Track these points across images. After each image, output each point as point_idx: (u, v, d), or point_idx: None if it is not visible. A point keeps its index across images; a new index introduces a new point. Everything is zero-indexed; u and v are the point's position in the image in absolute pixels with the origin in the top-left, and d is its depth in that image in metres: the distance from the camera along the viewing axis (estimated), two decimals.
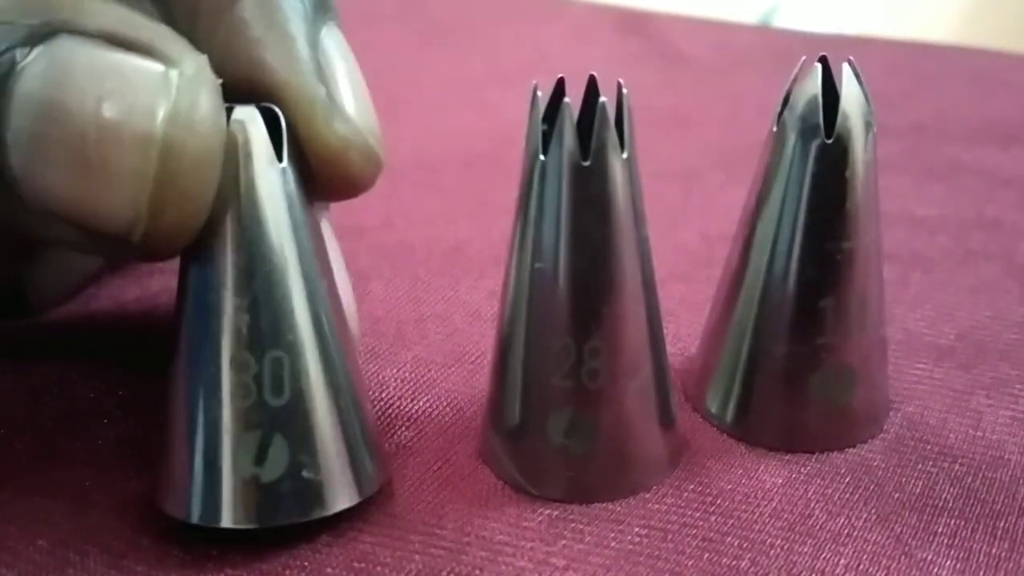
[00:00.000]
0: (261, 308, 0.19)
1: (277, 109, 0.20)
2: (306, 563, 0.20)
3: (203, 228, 0.19)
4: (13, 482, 0.22)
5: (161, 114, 0.18)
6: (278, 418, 0.19)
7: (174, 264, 0.20)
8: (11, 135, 0.18)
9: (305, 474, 0.20)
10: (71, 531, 0.21)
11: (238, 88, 0.20)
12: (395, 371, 0.26)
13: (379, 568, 0.20)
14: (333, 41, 0.21)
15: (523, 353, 0.21)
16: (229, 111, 0.19)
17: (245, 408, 0.19)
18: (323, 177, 0.21)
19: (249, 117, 0.19)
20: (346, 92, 0.21)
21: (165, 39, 0.19)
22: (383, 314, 0.28)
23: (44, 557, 0.20)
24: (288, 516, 0.20)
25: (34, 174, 0.18)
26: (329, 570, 0.20)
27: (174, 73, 0.19)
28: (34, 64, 0.18)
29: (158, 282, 0.29)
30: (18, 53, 0.18)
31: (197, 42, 0.19)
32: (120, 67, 0.18)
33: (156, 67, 0.19)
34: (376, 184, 0.22)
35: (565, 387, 0.21)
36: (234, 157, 0.19)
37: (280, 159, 0.19)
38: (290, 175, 0.20)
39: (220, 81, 0.19)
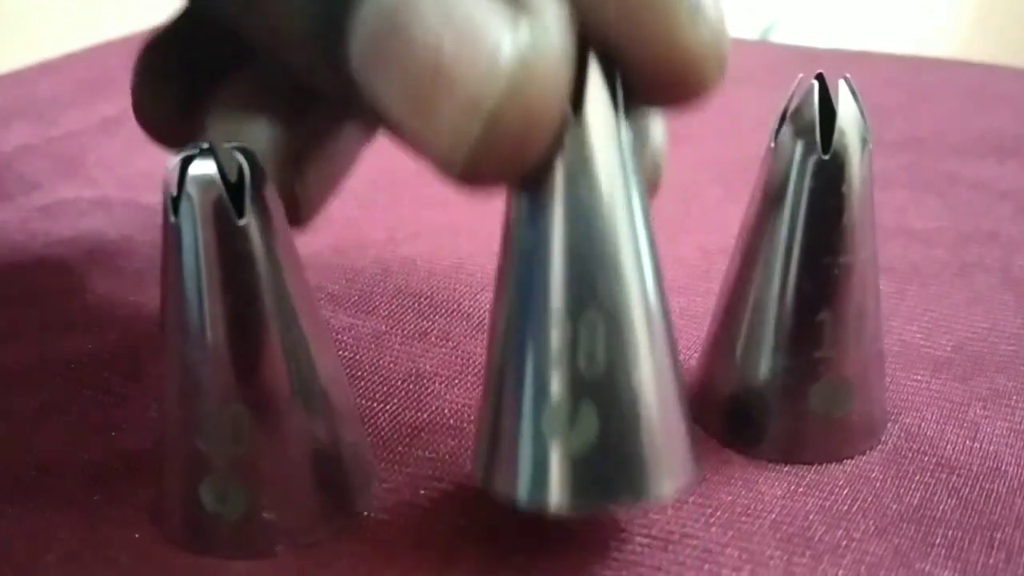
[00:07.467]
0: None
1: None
2: None
3: None
4: (21, 496, 0.22)
5: (498, 81, 0.17)
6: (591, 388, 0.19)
7: None
8: (355, 41, 0.17)
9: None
10: (79, 545, 0.21)
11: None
12: (399, 384, 0.26)
13: None
14: None
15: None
16: None
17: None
18: (666, 84, 0.18)
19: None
20: None
21: None
22: (387, 329, 0.28)
23: (52, 571, 0.20)
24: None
25: (370, 81, 0.18)
26: None
27: (524, 32, 0.17)
28: None
29: None
30: None
31: None
32: (470, 13, 0.17)
33: (506, 22, 0.17)
34: (377, 198, 0.21)
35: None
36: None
37: None
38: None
39: (570, 43, 0.17)
